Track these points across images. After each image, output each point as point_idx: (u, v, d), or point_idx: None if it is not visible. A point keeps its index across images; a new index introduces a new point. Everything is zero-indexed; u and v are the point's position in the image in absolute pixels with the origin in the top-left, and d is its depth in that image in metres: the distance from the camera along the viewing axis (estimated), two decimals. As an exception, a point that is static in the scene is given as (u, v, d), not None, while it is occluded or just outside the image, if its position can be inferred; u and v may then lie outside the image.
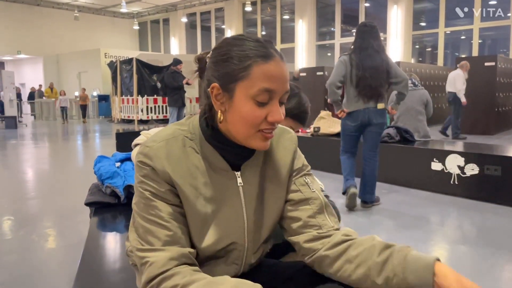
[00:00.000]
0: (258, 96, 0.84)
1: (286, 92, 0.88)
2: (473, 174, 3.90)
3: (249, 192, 0.96)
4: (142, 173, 0.89)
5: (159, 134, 0.93)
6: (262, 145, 0.89)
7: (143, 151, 0.89)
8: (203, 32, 21.21)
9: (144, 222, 0.87)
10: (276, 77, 0.85)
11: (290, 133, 1.06)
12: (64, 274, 2.42)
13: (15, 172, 5.79)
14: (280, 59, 0.87)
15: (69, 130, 12.49)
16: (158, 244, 0.85)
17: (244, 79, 0.85)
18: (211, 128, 0.92)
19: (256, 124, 0.86)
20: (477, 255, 2.67)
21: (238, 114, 0.86)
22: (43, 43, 20.25)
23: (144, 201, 0.88)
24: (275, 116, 0.86)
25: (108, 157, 2.42)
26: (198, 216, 0.90)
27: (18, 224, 3.38)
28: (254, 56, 0.85)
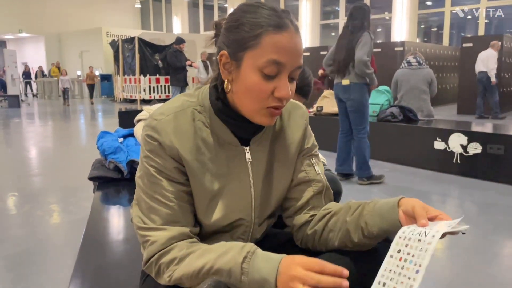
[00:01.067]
0: (265, 68, 0.80)
1: (298, 67, 0.83)
2: (476, 153, 3.90)
3: (257, 168, 0.93)
4: (148, 147, 0.87)
5: (167, 106, 0.89)
6: (267, 121, 0.85)
7: (151, 124, 0.87)
8: (205, 11, 20.95)
9: (147, 198, 0.87)
10: (287, 49, 0.80)
11: (302, 108, 1.02)
12: (68, 248, 2.46)
13: (19, 150, 5.82)
14: (294, 31, 0.82)
15: (71, 109, 12.48)
16: (159, 222, 0.85)
17: (253, 48, 0.80)
18: (221, 101, 0.88)
19: (261, 98, 0.82)
20: (477, 232, 2.68)
21: (244, 85, 0.82)
22: (44, 22, 20.07)
23: (149, 178, 0.87)
24: (282, 92, 0.81)
25: (111, 132, 2.43)
26: (205, 192, 0.89)
27: (23, 200, 3.42)
28: (266, 25, 0.80)
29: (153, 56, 13.79)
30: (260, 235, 1.01)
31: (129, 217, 1.54)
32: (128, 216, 1.62)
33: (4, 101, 13.75)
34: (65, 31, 20.30)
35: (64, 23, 20.50)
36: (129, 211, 1.69)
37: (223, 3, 19.97)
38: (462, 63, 9.15)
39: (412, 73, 5.10)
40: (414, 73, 5.09)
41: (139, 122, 2.32)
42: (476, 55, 8.15)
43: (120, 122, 5.99)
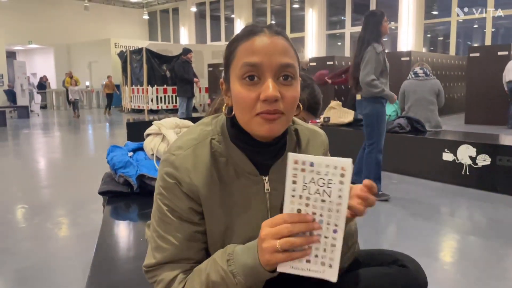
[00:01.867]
0: (243, 74, 0.79)
1: (282, 66, 0.79)
2: (485, 164, 3.87)
3: (275, 198, 0.90)
4: (163, 184, 0.85)
5: (185, 139, 0.88)
6: (264, 130, 0.80)
7: (169, 159, 0.85)
8: (212, 22, 21.11)
9: (156, 237, 0.87)
10: (259, 50, 0.79)
11: (321, 136, 1.00)
12: (78, 261, 2.47)
13: (28, 161, 5.88)
14: (269, 33, 0.81)
15: (80, 119, 12.58)
16: (165, 260, 0.86)
17: (232, 62, 0.83)
18: (236, 127, 0.87)
19: (248, 105, 0.79)
20: (487, 246, 2.66)
21: (234, 100, 0.83)
22: (53, 33, 20.32)
23: (161, 216, 0.86)
24: (265, 92, 0.77)
25: (121, 146, 2.45)
26: (220, 225, 0.87)
27: (33, 212, 3.44)
28: (239, 37, 0.83)
29: (161, 66, 13.89)
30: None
31: (141, 234, 1.55)
32: (139, 232, 1.63)
33: (13, 111, 13.90)
34: (74, 42, 20.54)
35: (73, 34, 20.75)
36: (139, 227, 1.70)
37: (229, 13, 20.13)
38: (469, 73, 9.11)
39: (419, 84, 5.10)
40: (421, 84, 5.08)
41: (149, 137, 2.34)
42: (483, 65, 8.12)
43: (128, 133, 6.04)
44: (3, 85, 15.71)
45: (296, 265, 0.73)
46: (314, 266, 0.73)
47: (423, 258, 1.02)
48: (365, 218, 1.11)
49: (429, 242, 2.74)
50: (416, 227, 2.98)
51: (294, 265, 0.73)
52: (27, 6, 19.39)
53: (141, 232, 1.58)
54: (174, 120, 2.37)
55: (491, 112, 8.74)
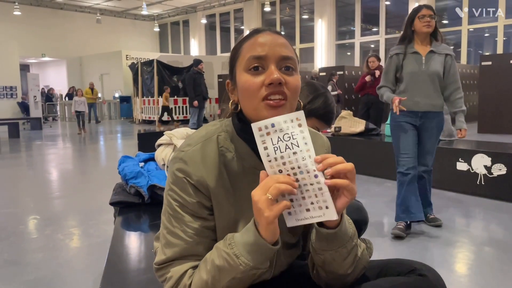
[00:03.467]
0: (249, 65, 0.86)
1: (283, 58, 0.86)
2: (500, 174, 3.80)
3: None
4: (173, 180, 0.89)
5: (194, 136, 0.92)
6: (271, 115, 0.84)
7: (178, 156, 0.89)
8: (222, 33, 21.29)
9: (166, 233, 0.89)
10: (262, 44, 0.86)
11: (322, 138, 1.04)
12: (89, 272, 2.46)
13: (41, 172, 5.92)
14: (270, 32, 0.89)
15: (92, 131, 12.69)
16: (175, 256, 0.87)
17: (238, 59, 0.89)
18: (242, 121, 0.91)
19: (254, 91, 0.84)
20: (504, 258, 2.59)
21: (240, 91, 0.88)
22: (66, 46, 20.65)
23: (171, 212, 0.89)
24: (270, 76, 0.84)
25: (132, 157, 2.45)
26: (229, 218, 0.89)
27: (44, 223, 3.45)
28: (244, 39, 0.90)
29: (171, 78, 14.02)
30: (285, 265, 0.99)
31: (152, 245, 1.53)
32: (150, 243, 1.61)
33: (26, 123, 14.09)
34: (86, 55, 20.85)
35: (85, 47, 21.07)
36: (150, 238, 1.69)
37: (239, 25, 20.28)
38: (482, 81, 9.03)
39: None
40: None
41: (160, 147, 2.34)
42: (496, 73, 8.05)
43: (140, 143, 6.07)
44: (16, 97, 15.94)
45: (299, 216, 0.80)
46: (314, 212, 0.79)
47: (438, 270, 0.99)
48: (380, 228, 1.08)
49: (445, 254, 2.67)
50: (430, 238, 2.92)
51: (298, 217, 0.81)
52: (41, 20, 19.76)
53: (152, 243, 1.56)
54: (185, 131, 2.36)
55: (504, 121, 8.63)
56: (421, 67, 2.92)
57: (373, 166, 4.91)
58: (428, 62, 2.93)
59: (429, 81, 2.93)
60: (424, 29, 2.89)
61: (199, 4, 20.65)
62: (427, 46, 2.96)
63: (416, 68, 2.93)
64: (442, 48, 2.96)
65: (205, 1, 20.15)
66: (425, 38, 2.95)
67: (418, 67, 2.92)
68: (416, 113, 2.98)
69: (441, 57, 2.94)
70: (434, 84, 2.94)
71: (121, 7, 21.24)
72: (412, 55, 2.96)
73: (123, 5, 20.86)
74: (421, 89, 2.93)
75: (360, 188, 4.14)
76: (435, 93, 2.96)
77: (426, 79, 2.93)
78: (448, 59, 2.96)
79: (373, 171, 4.92)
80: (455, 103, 2.99)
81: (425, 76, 2.93)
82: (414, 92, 2.95)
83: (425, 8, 2.90)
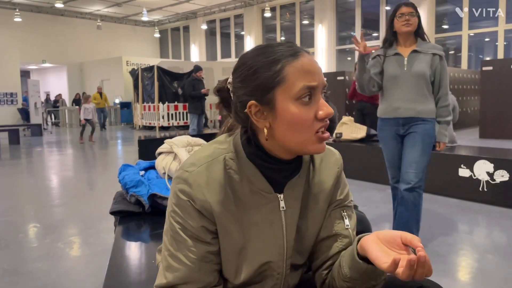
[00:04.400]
0: (301, 96, 0.78)
1: (325, 86, 0.83)
2: (503, 180, 3.78)
3: (291, 216, 0.89)
4: (176, 201, 0.84)
5: (198, 156, 0.87)
6: (320, 148, 0.82)
7: (182, 176, 0.84)
8: (222, 39, 21.34)
9: (168, 256, 0.85)
10: (312, 71, 0.79)
11: (335, 155, 0.98)
12: (89, 282, 2.43)
13: (41, 179, 5.90)
14: (307, 54, 0.82)
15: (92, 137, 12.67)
16: (176, 281, 0.83)
17: (281, 83, 0.78)
18: (255, 145, 0.85)
19: (307, 126, 0.79)
20: (507, 265, 2.56)
21: (286, 122, 0.79)
22: (67, 52, 20.70)
23: (173, 234, 0.85)
24: (326, 110, 0.79)
25: (133, 165, 2.43)
26: (235, 244, 0.86)
27: (44, 231, 3.43)
28: (283, 57, 0.79)
29: (172, 83, 14.02)
30: (292, 286, 0.96)
31: (153, 256, 1.51)
32: (151, 254, 1.59)
33: (27, 129, 14.09)
34: (87, 61, 20.90)
35: (85, 53, 21.13)
36: (151, 248, 1.66)
37: (239, 30, 20.33)
38: (483, 86, 9.02)
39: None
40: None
41: (160, 155, 2.32)
42: (497, 78, 8.05)
43: (140, 150, 6.06)
44: (17, 103, 15.95)
45: None
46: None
47: (441, 278, 0.97)
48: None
49: (448, 262, 2.65)
50: (433, 246, 2.89)
51: None
52: (41, 26, 19.82)
53: (153, 254, 1.54)
54: (186, 139, 2.34)
55: (506, 126, 8.61)
56: (402, 69, 2.59)
57: (375, 172, 4.89)
58: (411, 62, 2.58)
59: (412, 83, 2.57)
60: (403, 28, 2.56)
61: (199, 10, 20.71)
62: (411, 46, 2.62)
63: (398, 70, 2.60)
64: (429, 47, 2.60)
65: (205, 7, 20.21)
66: (407, 38, 2.62)
67: (400, 69, 2.60)
68: (396, 120, 2.65)
69: (427, 56, 2.57)
70: (419, 87, 2.56)
71: (122, 13, 21.30)
72: (394, 57, 2.64)
73: (123, 11, 20.93)
74: (402, 93, 2.60)
75: (361, 195, 4.12)
76: (421, 97, 2.57)
77: (409, 81, 2.57)
78: (436, 59, 2.58)
79: (375, 178, 4.89)
80: (439, 111, 2.62)
81: (407, 78, 2.58)
82: (394, 97, 2.63)
83: (404, 6, 2.56)
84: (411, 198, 2.63)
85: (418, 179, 2.62)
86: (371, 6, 15.75)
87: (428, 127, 2.60)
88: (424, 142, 2.59)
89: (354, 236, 0.94)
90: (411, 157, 2.61)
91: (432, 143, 2.63)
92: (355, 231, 0.95)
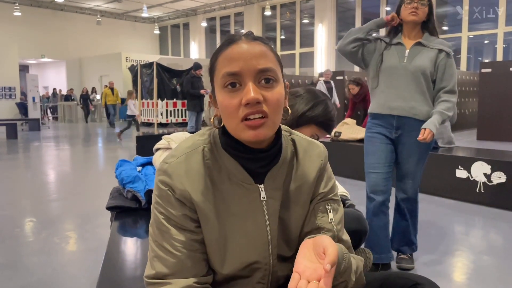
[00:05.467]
0: (224, 83, 0.80)
1: (260, 70, 0.79)
2: (500, 182, 3.78)
3: (272, 206, 0.89)
4: (158, 192, 0.86)
5: (179, 147, 0.89)
6: (250, 135, 0.80)
7: (162, 168, 0.86)
8: (222, 37, 21.28)
9: (155, 246, 0.86)
10: (236, 58, 0.80)
11: (319, 147, 0.97)
12: (85, 278, 2.43)
13: (38, 174, 5.89)
14: (246, 40, 0.83)
15: (90, 132, 12.66)
16: (164, 271, 0.84)
17: (214, 73, 0.84)
18: (227, 135, 0.87)
19: (232, 112, 0.79)
20: (503, 267, 2.57)
21: (220, 109, 0.83)
22: (66, 47, 20.65)
23: (158, 225, 0.86)
24: (246, 96, 0.78)
25: (130, 161, 2.42)
26: (218, 235, 0.86)
27: (41, 226, 3.42)
28: (219, 49, 0.84)
29: (171, 80, 14.00)
30: (282, 279, 0.96)
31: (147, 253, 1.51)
32: (146, 249, 1.59)
33: (25, 124, 14.04)
34: (86, 56, 20.84)
35: (85, 48, 21.07)
36: (146, 244, 1.66)
37: (239, 28, 20.30)
38: (482, 88, 9.03)
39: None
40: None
41: (158, 151, 2.31)
42: (495, 80, 8.06)
43: (138, 146, 6.05)
44: (15, 97, 15.91)
45: None
46: None
47: (437, 279, 0.98)
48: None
49: (443, 262, 2.65)
50: (429, 247, 2.90)
51: None
52: (40, 20, 19.76)
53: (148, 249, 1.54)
54: (184, 135, 2.33)
55: (503, 128, 8.63)
56: (402, 61, 2.29)
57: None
58: (413, 56, 2.29)
59: (410, 79, 2.27)
60: (409, 17, 2.25)
61: (200, 7, 20.68)
62: (416, 39, 2.33)
63: (396, 62, 2.30)
64: (436, 43, 2.31)
65: (205, 4, 20.18)
66: (412, 29, 2.30)
67: (399, 61, 2.29)
68: (389, 120, 2.35)
69: (432, 52, 2.28)
70: (417, 83, 2.27)
71: (122, 9, 21.25)
72: (396, 46, 2.33)
73: (123, 7, 20.88)
74: (398, 88, 2.30)
75: (357, 194, 4.11)
76: (418, 96, 2.28)
77: (406, 76, 2.28)
78: (442, 56, 2.28)
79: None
80: (441, 105, 2.27)
81: (405, 73, 2.28)
82: (390, 91, 2.32)
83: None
84: (408, 206, 2.53)
85: (414, 190, 2.50)
86: (372, 6, 15.74)
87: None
88: (421, 152, 2.37)
89: (338, 230, 0.93)
90: (408, 167, 2.41)
91: (428, 151, 2.41)
92: (340, 225, 0.94)
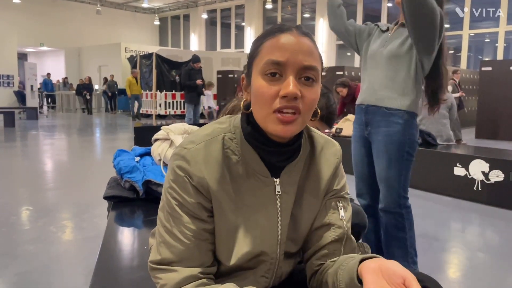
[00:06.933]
0: (266, 70, 0.78)
1: (305, 67, 0.78)
2: (497, 180, 3.79)
3: (286, 201, 0.89)
4: (174, 177, 0.83)
5: (198, 134, 0.87)
6: (279, 129, 0.78)
7: (180, 153, 0.83)
8: (223, 29, 21.22)
9: (164, 231, 0.85)
10: (284, 48, 0.77)
11: (335, 146, 0.97)
12: (81, 267, 2.42)
13: (35, 163, 5.87)
14: (297, 32, 0.80)
15: (88, 122, 12.62)
16: (171, 257, 0.83)
17: (256, 57, 0.81)
18: (251, 125, 0.85)
19: (267, 100, 0.77)
20: (498, 264, 2.58)
21: (253, 95, 0.81)
22: (65, 36, 20.53)
23: (169, 210, 0.84)
24: (286, 88, 0.76)
25: (128, 151, 2.41)
26: (229, 224, 0.85)
27: (37, 214, 3.41)
28: (266, 34, 0.82)
29: (170, 72, 13.94)
30: (285, 275, 0.95)
31: (146, 242, 1.50)
32: (143, 239, 1.58)
33: (22, 112, 13.98)
34: (85, 46, 20.73)
35: (84, 37, 20.96)
36: (143, 234, 1.65)
37: (240, 21, 20.21)
38: (482, 87, 9.03)
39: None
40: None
41: (156, 142, 2.30)
42: (495, 79, 8.05)
43: (136, 138, 6.02)
44: (13, 86, 15.83)
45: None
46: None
47: (433, 275, 0.97)
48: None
49: (439, 259, 2.66)
50: (425, 243, 2.90)
51: None
52: (40, 9, 19.63)
53: (145, 240, 1.53)
54: (183, 126, 2.32)
55: (502, 127, 8.64)
56: (381, 46, 2.05)
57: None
58: (392, 39, 2.02)
59: (384, 64, 2.01)
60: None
61: (201, -1, 20.58)
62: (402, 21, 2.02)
63: (376, 48, 2.07)
64: None
65: (206, -4, 20.08)
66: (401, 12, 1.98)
67: (378, 47, 2.06)
68: (360, 113, 2.13)
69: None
70: (390, 68, 2.00)
71: (122, -1, 21.14)
72: (382, 33, 2.12)
73: (124, -3, 20.77)
74: (371, 75, 2.07)
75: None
76: (389, 82, 1.99)
77: (381, 62, 2.02)
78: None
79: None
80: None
81: (380, 59, 2.03)
82: (364, 79, 2.12)
83: None
84: (392, 221, 2.08)
85: (392, 200, 2.07)
86: (373, 2, 15.68)
87: (392, 131, 2.01)
88: (389, 153, 2.02)
89: (348, 228, 0.93)
90: (378, 172, 2.12)
91: (402, 150, 2.04)
92: (349, 223, 0.94)
